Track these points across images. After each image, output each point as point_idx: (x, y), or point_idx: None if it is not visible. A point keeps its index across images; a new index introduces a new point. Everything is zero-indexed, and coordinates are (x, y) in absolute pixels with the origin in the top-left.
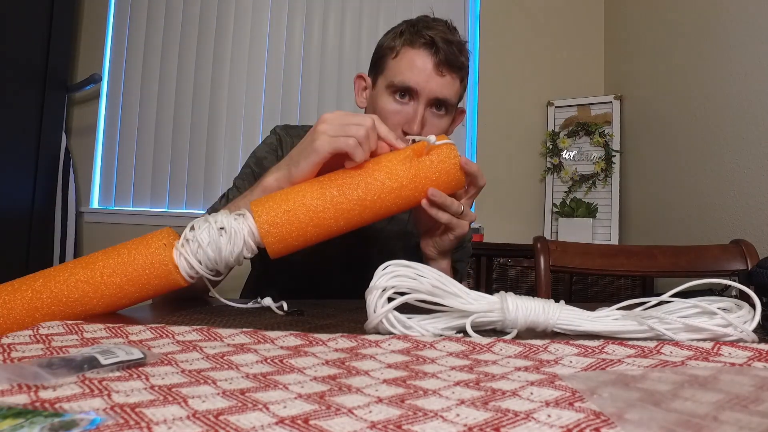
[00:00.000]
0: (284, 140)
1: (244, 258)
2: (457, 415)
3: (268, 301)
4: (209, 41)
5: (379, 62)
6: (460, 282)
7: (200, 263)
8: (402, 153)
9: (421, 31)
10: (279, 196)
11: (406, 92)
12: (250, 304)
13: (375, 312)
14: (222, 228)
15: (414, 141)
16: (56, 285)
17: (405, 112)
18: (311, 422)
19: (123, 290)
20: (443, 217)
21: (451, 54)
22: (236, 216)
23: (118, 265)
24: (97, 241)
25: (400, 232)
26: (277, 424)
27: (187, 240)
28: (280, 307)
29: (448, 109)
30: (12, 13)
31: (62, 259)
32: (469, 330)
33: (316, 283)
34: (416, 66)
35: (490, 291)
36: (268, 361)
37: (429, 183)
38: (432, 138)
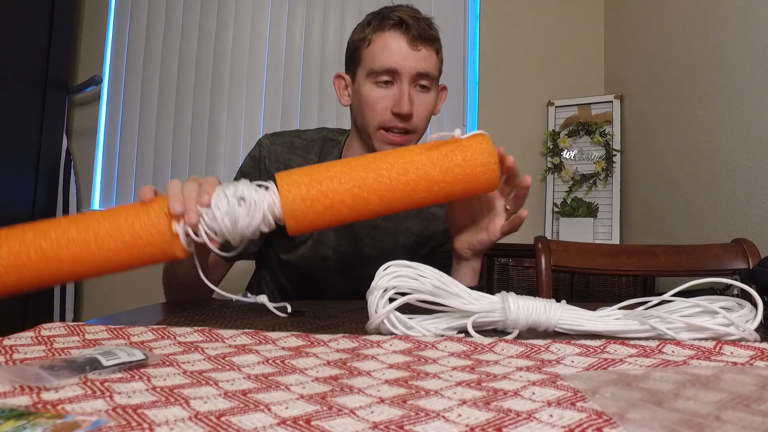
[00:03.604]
0: (270, 149)
1: (262, 233)
2: (459, 415)
3: (263, 299)
4: (209, 43)
5: (353, 56)
6: (483, 288)
7: (212, 232)
8: (432, 144)
9: (387, 15)
10: (306, 170)
11: (387, 75)
12: (248, 298)
13: (376, 312)
14: (242, 198)
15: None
16: (46, 242)
17: (391, 95)
18: (313, 423)
19: (116, 255)
20: (500, 203)
21: (422, 29)
22: (258, 187)
23: (114, 228)
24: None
25: (396, 230)
26: (279, 425)
27: (205, 209)
28: (283, 309)
29: (432, 83)
30: (12, 16)
31: None
32: (470, 330)
33: (314, 283)
34: (391, 47)
35: (491, 291)
36: (270, 361)
37: (463, 176)
38: (458, 131)
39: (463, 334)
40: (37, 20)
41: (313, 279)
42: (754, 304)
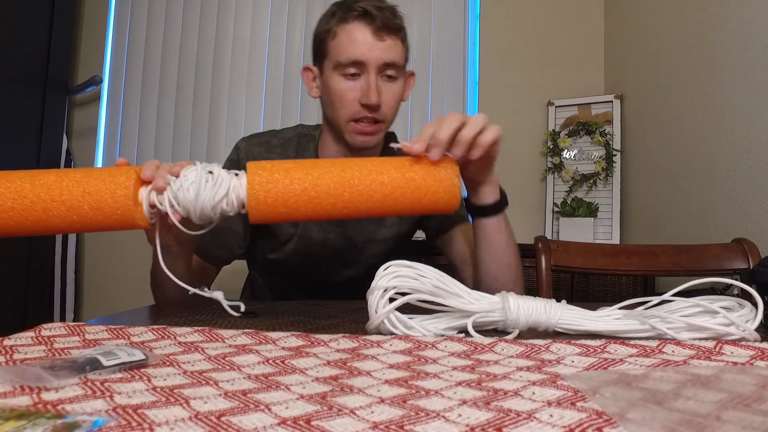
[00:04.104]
0: (248, 151)
1: (223, 213)
2: (459, 415)
3: (218, 295)
4: (209, 43)
5: (319, 49)
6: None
7: (176, 202)
8: (405, 161)
9: (351, 6)
10: (278, 163)
11: (354, 67)
12: (204, 293)
13: (376, 312)
14: (210, 172)
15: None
16: (8, 184)
17: (358, 87)
18: (313, 423)
19: (79, 212)
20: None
21: (386, 18)
22: (230, 171)
23: (82, 185)
24: (99, 242)
25: (389, 235)
26: (279, 425)
27: (174, 178)
28: (236, 308)
29: (399, 72)
30: (13, 16)
31: (64, 262)
32: (470, 330)
33: (306, 277)
34: (356, 39)
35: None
36: (270, 361)
37: (427, 196)
38: (436, 154)
39: (463, 334)
40: (37, 20)
41: (304, 273)
42: (755, 304)
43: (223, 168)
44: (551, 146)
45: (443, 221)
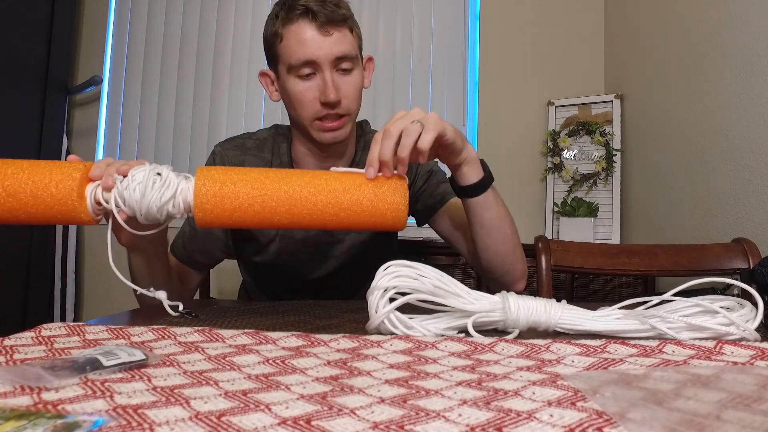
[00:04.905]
0: (223, 155)
1: (170, 216)
2: (460, 415)
3: (161, 295)
4: (209, 43)
5: (271, 53)
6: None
7: (122, 200)
8: (357, 176)
9: (293, 5)
10: (227, 170)
11: (307, 67)
12: (149, 293)
13: (376, 312)
14: (159, 174)
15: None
16: None
17: (315, 86)
18: (313, 423)
19: (22, 204)
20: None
21: (329, 12)
22: (179, 174)
23: (28, 176)
24: (99, 243)
25: (371, 239)
26: (279, 424)
27: (121, 177)
28: (175, 308)
29: (354, 62)
30: (13, 16)
31: (64, 262)
32: (470, 330)
33: (290, 274)
34: (303, 39)
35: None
36: (270, 361)
37: (371, 210)
38: (371, 171)
39: (463, 334)
40: (37, 21)
41: (289, 272)
42: (755, 304)
43: None
44: (551, 146)
45: (429, 204)
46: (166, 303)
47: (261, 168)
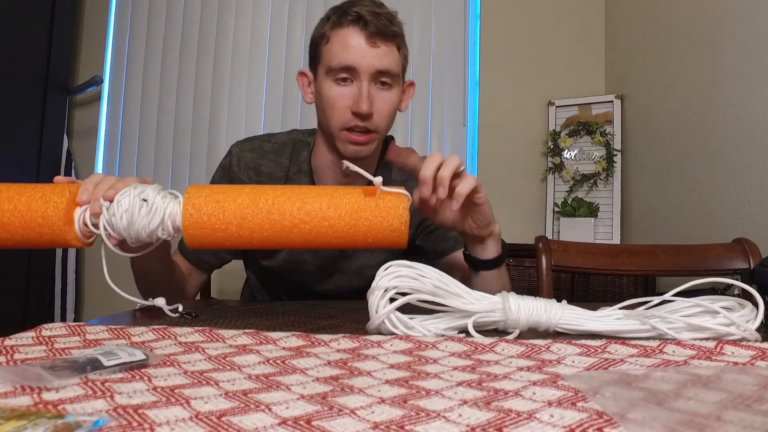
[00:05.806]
0: (240, 156)
1: (161, 238)
2: (460, 415)
3: (160, 302)
4: (210, 43)
5: (314, 53)
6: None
7: (110, 227)
8: (351, 189)
9: (347, 11)
10: (217, 188)
11: (345, 73)
12: (148, 302)
13: (377, 312)
14: (145, 200)
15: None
16: None
17: (350, 94)
18: (314, 423)
19: (9, 229)
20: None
21: (381, 24)
22: (166, 194)
23: (11, 202)
24: (99, 243)
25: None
26: (279, 425)
27: (107, 204)
28: (174, 310)
29: (394, 80)
30: (13, 16)
31: (64, 263)
32: (471, 330)
33: (296, 283)
34: (349, 44)
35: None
36: (271, 362)
37: (368, 225)
38: (379, 179)
39: (463, 334)
40: (37, 21)
41: (295, 281)
42: (755, 304)
43: (216, 173)
44: (552, 146)
45: (439, 248)
46: (166, 308)
47: (253, 187)
